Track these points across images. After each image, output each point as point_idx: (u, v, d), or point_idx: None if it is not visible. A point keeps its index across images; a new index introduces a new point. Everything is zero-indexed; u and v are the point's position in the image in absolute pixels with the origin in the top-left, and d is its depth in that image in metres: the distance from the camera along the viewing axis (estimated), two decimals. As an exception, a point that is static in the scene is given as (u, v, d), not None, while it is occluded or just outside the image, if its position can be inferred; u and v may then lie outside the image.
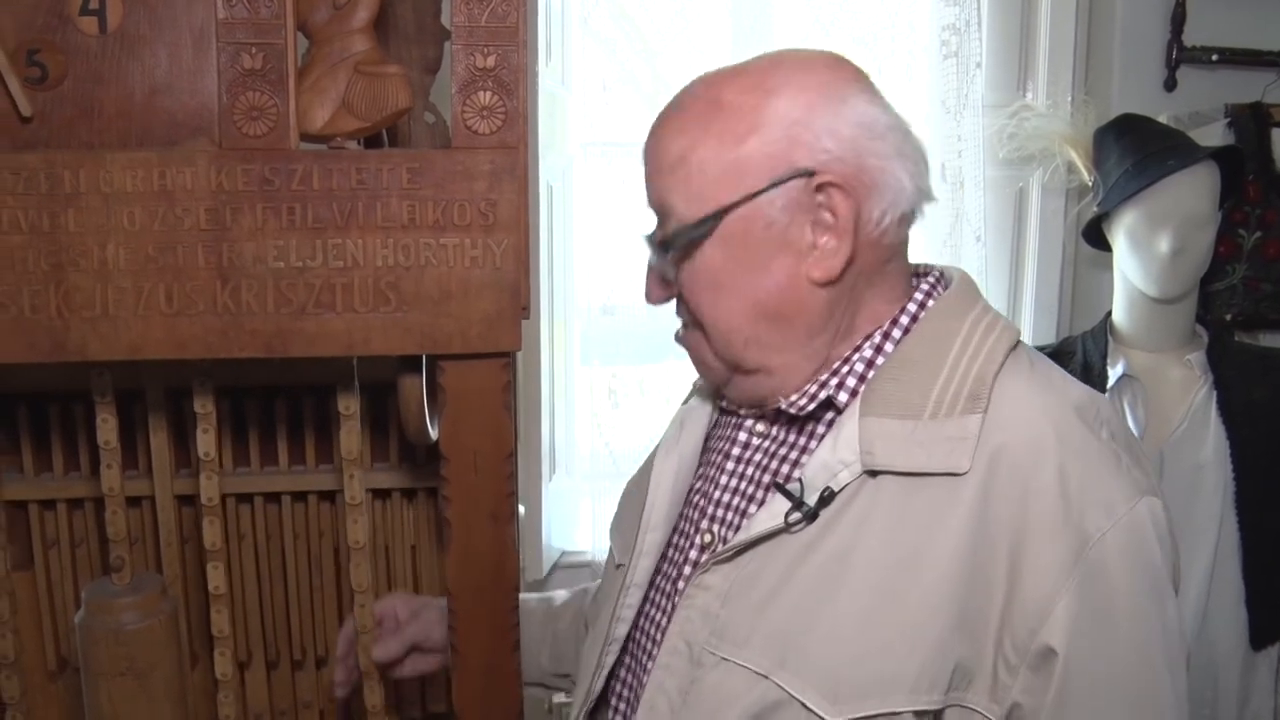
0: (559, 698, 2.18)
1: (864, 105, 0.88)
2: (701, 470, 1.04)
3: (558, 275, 2.08)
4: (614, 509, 1.17)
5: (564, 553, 2.19)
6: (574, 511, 2.24)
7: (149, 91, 0.96)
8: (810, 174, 0.86)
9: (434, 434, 1.07)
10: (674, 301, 0.99)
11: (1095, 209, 1.94)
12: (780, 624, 0.86)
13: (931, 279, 0.97)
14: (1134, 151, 1.85)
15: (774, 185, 0.86)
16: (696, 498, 1.02)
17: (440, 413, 1.01)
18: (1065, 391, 0.89)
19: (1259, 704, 1.81)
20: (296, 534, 1.24)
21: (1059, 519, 0.82)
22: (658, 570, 1.04)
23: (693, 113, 0.90)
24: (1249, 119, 2.10)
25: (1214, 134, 2.10)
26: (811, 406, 0.92)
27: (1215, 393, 1.82)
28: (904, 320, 0.93)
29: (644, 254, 0.97)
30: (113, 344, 0.95)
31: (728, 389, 0.99)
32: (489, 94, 0.96)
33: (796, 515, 0.87)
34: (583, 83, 2.09)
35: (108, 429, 1.07)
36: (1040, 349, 1.98)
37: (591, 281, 2.23)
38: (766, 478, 0.95)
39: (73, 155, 0.93)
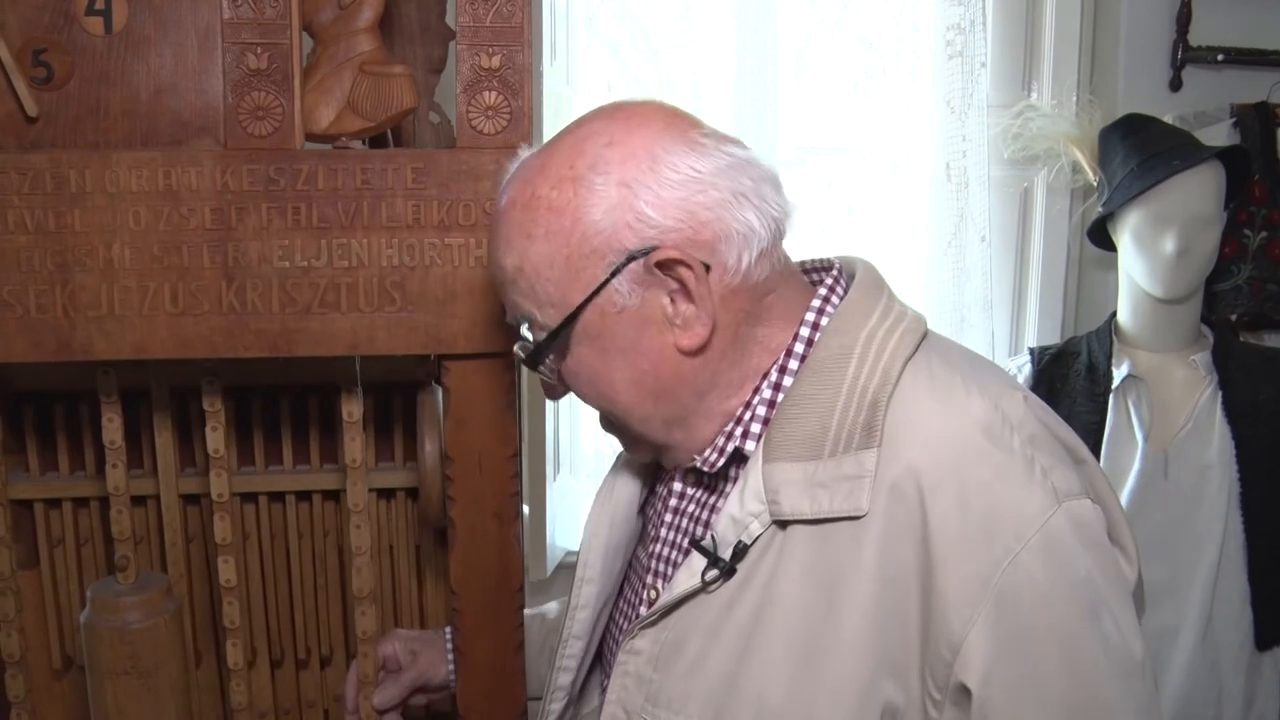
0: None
1: (681, 159, 0.82)
2: (648, 517, 1.03)
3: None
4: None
5: (568, 552, 2.19)
6: (578, 511, 2.24)
7: (154, 91, 0.96)
8: (645, 253, 0.82)
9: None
10: None
11: (1100, 209, 1.94)
12: (712, 686, 0.85)
13: (825, 287, 0.91)
14: (1139, 151, 1.85)
15: (613, 274, 0.83)
16: (647, 551, 1.00)
17: (444, 413, 1.02)
18: (965, 406, 0.83)
19: (1264, 705, 1.81)
20: (301, 533, 1.25)
21: (963, 548, 0.78)
22: (611, 620, 1.03)
23: (515, 222, 0.86)
24: (1254, 119, 2.09)
25: (1219, 134, 2.09)
26: (722, 461, 0.89)
27: (1220, 393, 1.82)
28: (798, 348, 0.88)
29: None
30: (118, 343, 0.95)
31: (664, 462, 0.97)
32: (494, 94, 0.97)
33: (714, 573, 0.85)
34: (587, 83, 2.09)
35: (113, 428, 1.07)
36: (1044, 350, 1.98)
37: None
38: (697, 531, 0.93)
39: (78, 155, 0.94)
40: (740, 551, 0.85)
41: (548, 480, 2.08)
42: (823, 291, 0.91)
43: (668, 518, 0.97)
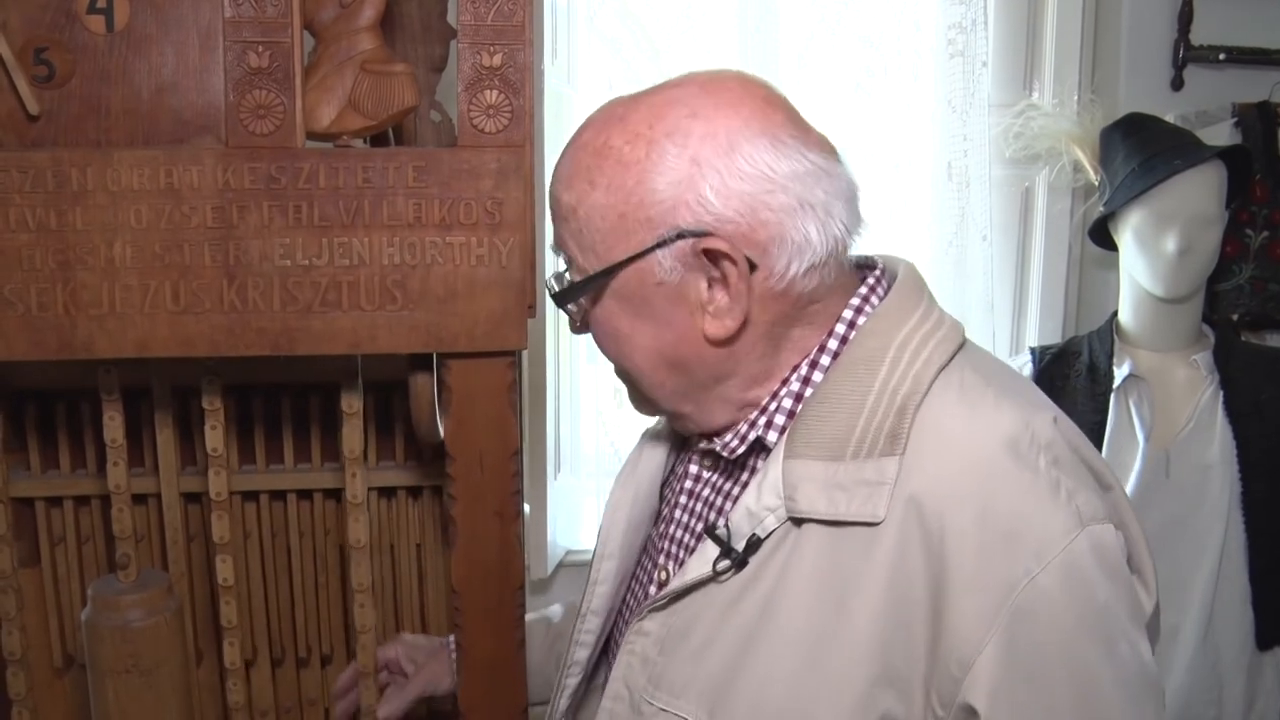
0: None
1: (759, 153, 0.81)
2: (666, 495, 1.03)
3: (563, 274, 2.07)
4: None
5: (569, 551, 2.19)
6: (579, 510, 2.24)
7: (156, 90, 0.96)
8: (696, 235, 0.82)
9: (442, 432, 1.07)
10: None
11: (1101, 209, 1.94)
12: (713, 674, 0.85)
13: (866, 287, 0.90)
14: (1140, 151, 1.85)
15: (659, 245, 0.83)
16: (662, 525, 1.01)
17: (446, 411, 1.02)
18: (994, 421, 0.81)
19: (1264, 706, 1.81)
20: (302, 532, 1.25)
21: (981, 565, 0.76)
22: (624, 600, 1.04)
23: (581, 163, 0.86)
24: (1256, 118, 2.09)
25: (1221, 133, 2.09)
26: (743, 449, 0.89)
27: (1221, 393, 1.82)
28: (832, 345, 0.88)
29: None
30: (119, 341, 0.95)
31: (671, 423, 0.98)
32: (495, 92, 0.96)
33: (725, 563, 0.85)
34: (588, 82, 2.09)
35: (114, 426, 1.07)
36: (1045, 349, 1.99)
37: (596, 280, 2.23)
38: (711, 515, 0.93)
39: (80, 153, 0.94)
40: (754, 544, 0.84)
41: (548, 479, 2.08)
42: (863, 290, 0.90)
43: (683, 499, 0.97)
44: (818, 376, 0.87)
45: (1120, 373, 1.85)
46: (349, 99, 0.99)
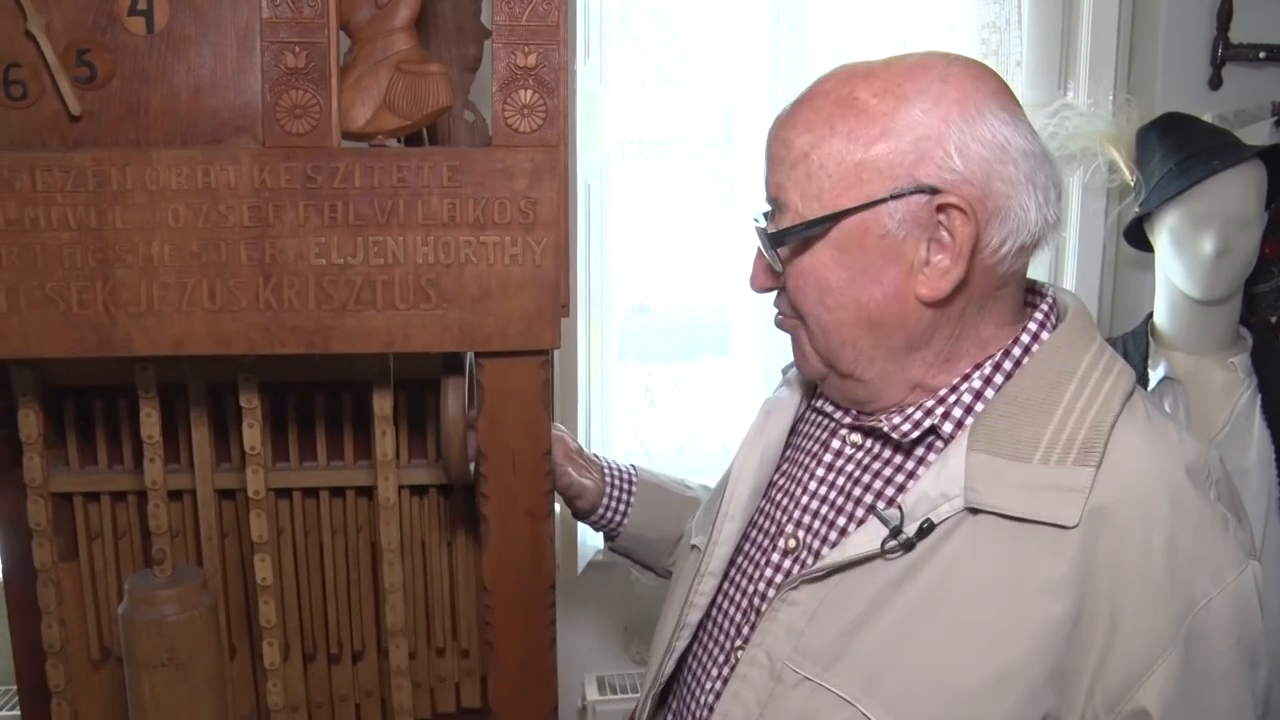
0: (592, 694, 2.19)
1: (1000, 125, 0.84)
2: (785, 467, 1.04)
3: (594, 274, 2.08)
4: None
5: (598, 550, 2.20)
6: (608, 510, 2.24)
7: (194, 90, 0.97)
8: (933, 191, 0.83)
9: (473, 473, 1.08)
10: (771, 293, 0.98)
11: (1137, 209, 1.91)
12: (868, 653, 0.86)
13: (1045, 306, 0.94)
14: (1178, 151, 1.83)
15: (894, 197, 0.84)
16: (779, 495, 1.01)
17: (479, 411, 1.02)
18: (1180, 450, 0.85)
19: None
20: (334, 529, 1.25)
21: (1166, 583, 0.81)
22: (733, 562, 1.03)
23: (822, 109, 0.87)
24: (1296, 118, 2.07)
25: (1260, 133, 2.07)
26: (915, 434, 0.91)
27: (1259, 396, 1.79)
28: (1016, 352, 0.90)
29: (753, 239, 0.95)
30: (157, 339, 0.97)
31: (824, 386, 0.99)
32: (530, 92, 0.97)
33: (893, 543, 0.86)
34: (620, 82, 2.09)
35: (151, 423, 1.09)
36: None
37: (627, 280, 2.23)
38: (859, 492, 0.94)
39: (120, 153, 0.95)
40: (926, 529, 0.85)
41: (578, 478, 2.08)
42: (1044, 308, 0.93)
43: (819, 472, 0.97)
44: (999, 379, 0.90)
45: (1155, 375, 1.83)
46: (384, 99, 1.00)
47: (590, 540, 2.17)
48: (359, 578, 1.27)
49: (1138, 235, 1.94)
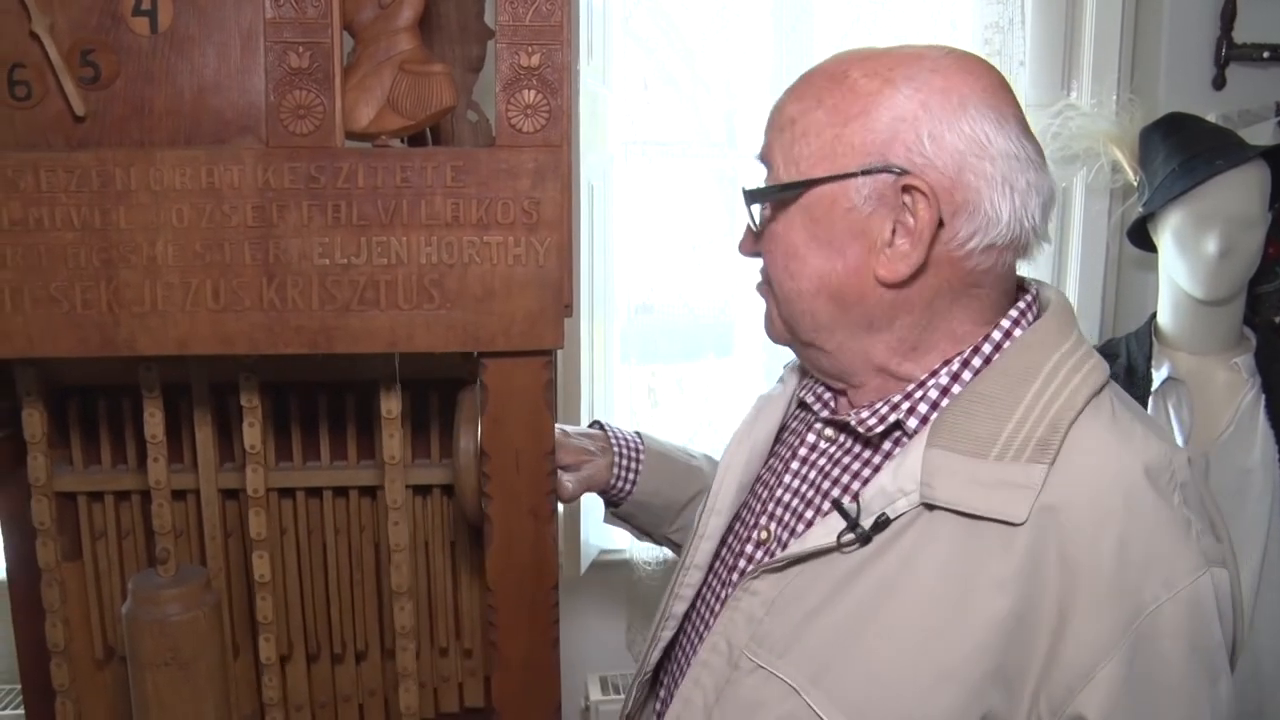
0: (595, 694, 2.19)
1: (982, 122, 0.85)
2: (771, 462, 1.05)
3: (598, 274, 2.08)
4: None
5: (601, 551, 2.20)
6: (611, 510, 2.24)
7: (198, 90, 0.97)
8: (900, 172, 0.85)
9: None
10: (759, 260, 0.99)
11: (1140, 209, 1.91)
12: (819, 643, 0.86)
13: (1024, 303, 0.93)
14: (1181, 151, 1.83)
15: (863, 173, 0.86)
16: (760, 489, 1.03)
17: (482, 411, 1.02)
18: (1141, 450, 0.84)
19: (1306, 713, 1.79)
20: (338, 529, 1.26)
21: (1115, 585, 0.79)
22: (717, 554, 1.05)
23: (815, 83, 0.90)
24: (1300, 118, 2.06)
25: (1264, 133, 2.06)
26: (880, 428, 0.91)
27: (1263, 396, 1.79)
28: (986, 349, 0.90)
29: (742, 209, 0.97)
30: (161, 339, 0.97)
31: (799, 357, 1.00)
32: (533, 92, 0.97)
33: (850, 536, 0.87)
34: (623, 82, 2.09)
35: (155, 423, 1.09)
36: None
37: (630, 280, 2.23)
38: (827, 485, 0.95)
39: (124, 153, 0.95)
40: (881, 523, 0.86)
41: (581, 478, 2.08)
42: (1020, 305, 0.93)
43: (794, 465, 0.99)
44: (967, 376, 0.90)
45: (1159, 375, 1.83)
46: (388, 99, 1.00)
47: (593, 540, 2.17)
48: (362, 578, 1.27)
49: (1141, 235, 1.93)
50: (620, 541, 2.22)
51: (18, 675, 1.23)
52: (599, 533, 2.20)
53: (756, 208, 0.95)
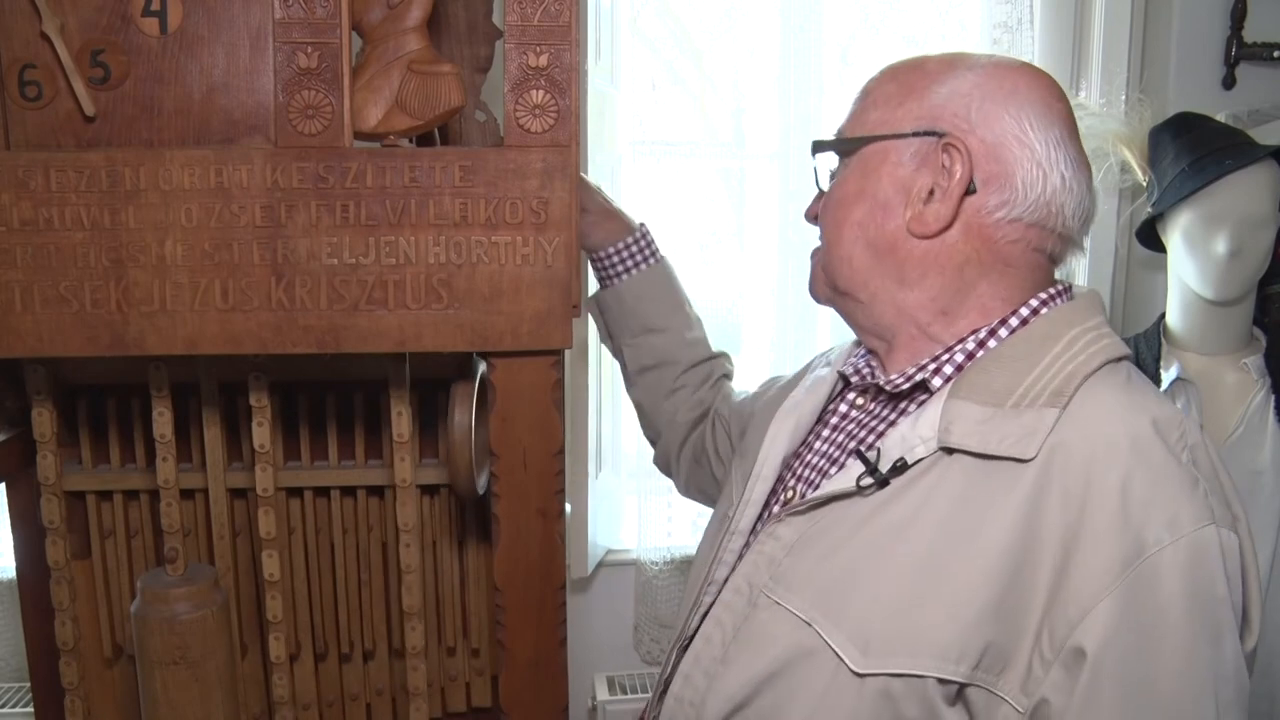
0: (602, 694, 2.19)
1: (1030, 114, 0.91)
2: (808, 439, 1.08)
3: (604, 274, 2.08)
4: (659, 508, 1.18)
5: (609, 550, 2.20)
6: (619, 510, 2.24)
7: (207, 90, 0.98)
8: (944, 135, 0.91)
9: (481, 488, 1.08)
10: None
11: (1150, 209, 1.91)
12: (832, 578, 0.90)
13: (1054, 290, 0.97)
14: (1191, 150, 1.82)
15: (913, 134, 0.93)
16: (794, 461, 1.06)
17: (490, 410, 1.02)
18: (1151, 408, 0.87)
19: (1316, 715, 1.78)
20: (345, 528, 1.26)
21: (1117, 523, 0.81)
22: (760, 518, 1.07)
23: (896, 66, 0.99)
24: (1310, 117, 2.05)
25: (1274, 132, 2.05)
26: (907, 386, 0.95)
27: (1272, 397, 1.78)
28: (1013, 322, 0.94)
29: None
30: (170, 338, 0.97)
31: (839, 311, 1.04)
32: (541, 92, 0.97)
33: (868, 480, 0.90)
34: (631, 82, 2.09)
35: (163, 422, 1.09)
36: (1092, 351, 1.95)
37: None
38: (851, 445, 0.99)
39: (133, 153, 0.95)
40: (899, 468, 0.90)
41: (589, 478, 2.08)
42: (1051, 291, 0.97)
43: (825, 432, 1.03)
44: (993, 344, 0.94)
45: (1168, 376, 1.82)
46: (396, 99, 1.00)
47: (600, 540, 2.17)
48: (369, 578, 1.28)
49: (1150, 236, 1.93)
50: (628, 541, 2.22)
51: (27, 673, 1.24)
52: (607, 532, 2.20)
53: (827, 172, 1.01)
